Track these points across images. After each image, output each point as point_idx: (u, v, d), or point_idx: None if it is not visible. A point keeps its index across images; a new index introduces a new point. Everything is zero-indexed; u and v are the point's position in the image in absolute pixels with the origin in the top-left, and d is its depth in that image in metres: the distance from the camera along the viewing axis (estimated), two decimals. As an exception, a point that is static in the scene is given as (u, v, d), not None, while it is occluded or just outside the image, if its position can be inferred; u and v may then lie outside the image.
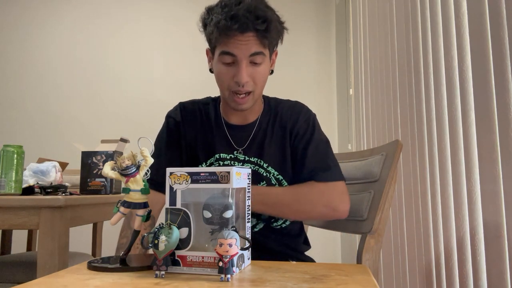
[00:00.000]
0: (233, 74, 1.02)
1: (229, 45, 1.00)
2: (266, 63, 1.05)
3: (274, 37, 1.04)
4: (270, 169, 1.10)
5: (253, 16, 0.97)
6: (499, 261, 0.91)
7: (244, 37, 0.99)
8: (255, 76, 1.03)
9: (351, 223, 1.17)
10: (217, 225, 0.73)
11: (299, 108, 1.16)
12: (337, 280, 0.71)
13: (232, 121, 1.15)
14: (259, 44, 1.00)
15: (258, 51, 1.00)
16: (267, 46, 1.03)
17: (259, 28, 0.98)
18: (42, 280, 0.70)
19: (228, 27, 0.97)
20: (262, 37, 1.00)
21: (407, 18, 1.55)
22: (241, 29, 0.97)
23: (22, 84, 3.30)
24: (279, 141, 1.12)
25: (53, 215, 1.21)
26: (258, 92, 1.07)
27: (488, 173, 0.95)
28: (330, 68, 3.21)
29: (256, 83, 1.04)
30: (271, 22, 1.00)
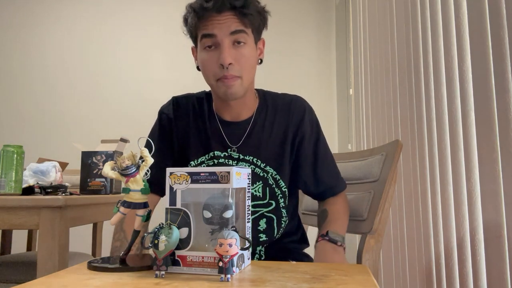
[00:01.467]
0: (217, 57, 0.97)
1: (208, 27, 0.97)
2: (250, 46, 1.01)
3: (255, 16, 0.99)
4: (268, 168, 1.06)
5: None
6: (499, 261, 0.91)
7: (222, 16, 0.96)
8: (240, 59, 0.98)
9: (351, 223, 1.17)
10: (217, 225, 0.73)
11: (301, 105, 1.11)
12: (337, 280, 0.71)
13: (225, 117, 1.09)
14: (238, 22, 0.97)
15: (238, 29, 0.96)
16: (249, 25, 0.99)
17: (236, 5, 0.95)
18: (42, 280, 0.70)
19: (204, 8, 0.95)
20: (241, 15, 0.96)
21: (407, 18, 1.55)
22: (218, 8, 0.95)
23: (22, 84, 3.30)
24: (277, 139, 1.08)
25: (53, 215, 1.21)
26: (246, 78, 1.01)
27: (488, 173, 0.95)
28: (330, 68, 3.21)
29: (242, 66, 0.98)
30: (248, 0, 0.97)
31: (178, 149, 1.10)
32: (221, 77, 0.98)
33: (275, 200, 1.07)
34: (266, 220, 1.07)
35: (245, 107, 1.08)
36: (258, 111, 1.10)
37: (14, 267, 1.62)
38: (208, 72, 1.01)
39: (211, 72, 1.00)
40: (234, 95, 1.01)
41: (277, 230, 1.08)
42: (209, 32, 0.97)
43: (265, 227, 1.06)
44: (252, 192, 1.05)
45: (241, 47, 0.98)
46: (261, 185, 1.06)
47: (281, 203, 1.08)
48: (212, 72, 0.99)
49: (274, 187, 1.06)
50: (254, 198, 1.05)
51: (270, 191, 1.06)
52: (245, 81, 1.00)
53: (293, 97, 1.13)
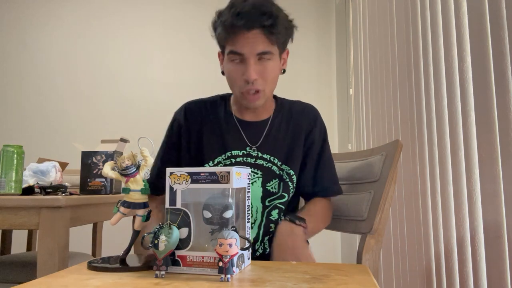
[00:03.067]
0: (242, 72, 1.02)
1: (237, 44, 1.00)
2: (275, 61, 1.05)
3: (282, 33, 1.03)
4: (284, 166, 1.12)
5: (258, 12, 0.98)
6: (499, 261, 0.91)
7: (251, 34, 0.99)
8: (264, 74, 1.03)
9: (351, 223, 1.17)
10: (217, 225, 0.73)
11: (314, 113, 1.19)
12: (337, 280, 0.71)
13: (245, 117, 1.15)
14: (266, 40, 1.00)
15: (265, 50, 1.01)
16: (275, 43, 1.02)
17: (265, 24, 0.98)
18: (42, 280, 0.70)
19: (233, 24, 0.98)
20: (269, 33, 0.99)
21: (407, 18, 1.55)
22: (247, 26, 0.98)
23: (22, 84, 3.30)
24: (291, 140, 1.14)
25: (53, 215, 1.21)
26: (269, 90, 1.08)
27: (488, 173, 0.95)
28: (330, 68, 3.21)
29: (266, 80, 1.04)
30: (278, 18, 1.00)
31: (190, 152, 1.14)
32: (245, 91, 1.04)
33: (287, 193, 1.12)
34: (278, 210, 1.12)
35: (264, 110, 1.15)
36: (276, 113, 1.17)
37: (14, 267, 1.62)
38: (233, 84, 1.06)
39: (236, 84, 1.05)
40: (256, 106, 1.09)
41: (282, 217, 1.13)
42: (237, 51, 1.01)
43: (276, 217, 1.12)
44: (269, 189, 1.10)
45: (265, 62, 1.03)
46: (277, 182, 1.11)
47: (291, 195, 1.14)
48: (237, 85, 1.05)
49: (288, 181, 1.12)
50: (270, 194, 1.11)
51: (284, 185, 1.12)
52: (267, 92, 1.07)
53: (307, 105, 1.22)
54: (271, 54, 1.03)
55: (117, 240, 1.83)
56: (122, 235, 1.53)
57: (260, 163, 1.10)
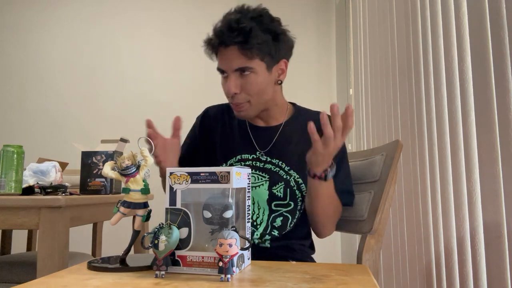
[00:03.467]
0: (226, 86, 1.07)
1: (219, 61, 1.07)
2: (258, 73, 1.05)
3: (262, 47, 1.03)
4: (292, 172, 1.12)
5: (230, 29, 1.02)
6: (499, 261, 0.91)
7: (227, 51, 1.04)
8: (245, 87, 1.05)
9: (351, 223, 1.17)
10: (217, 225, 0.73)
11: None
12: (337, 280, 0.71)
13: (256, 123, 1.19)
14: (242, 56, 1.03)
15: (241, 66, 1.04)
16: (255, 57, 1.03)
17: (236, 41, 1.01)
18: (42, 280, 0.70)
19: (213, 42, 1.06)
20: (244, 49, 1.02)
21: (407, 18, 1.55)
22: (223, 44, 1.04)
23: (22, 84, 3.30)
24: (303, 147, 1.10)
25: (53, 215, 1.21)
26: (256, 101, 1.08)
27: (488, 173, 0.95)
28: (330, 68, 3.21)
29: (249, 93, 1.06)
30: (250, 33, 1.01)
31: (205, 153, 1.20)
32: (232, 103, 1.10)
33: (294, 202, 1.12)
34: (283, 219, 1.12)
35: (273, 118, 1.18)
36: (288, 122, 1.18)
37: (14, 267, 1.62)
38: (225, 95, 1.11)
39: (226, 96, 1.10)
40: (245, 116, 1.12)
41: (288, 228, 1.13)
42: (220, 67, 1.08)
43: (280, 224, 1.12)
44: (275, 192, 1.11)
45: (247, 76, 1.05)
46: (282, 186, 1.12)
47: (299, 205, 1.13)
48: (227, 97, 1.10)
49: (295, 189, 1.12)
50: (276, 198, 1.11)
51: (290, 192, 1.12)
52: (254, 104, 1.09)
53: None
54: (251, 68, 1.04)
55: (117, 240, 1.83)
56: (122, 235, 1.53)
57: (268, 167, 1.13)
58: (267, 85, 1.09)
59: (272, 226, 1.11)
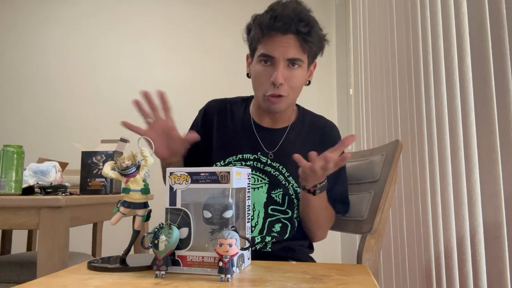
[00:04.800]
0: (270, 74, 1.02)
1: (269, 46, 1.01)
2: (303, 70, 1.06)
3: (315, 43, 1.04)
4: (291, 179, 1.11)
5: (297, 17, 0.99)
6: (499, 261, 0.91)
7: (285, 38, 1.00)
8: (291, 80, 1.03)
9: (351, 223, 1.17)
10: (217, 225, 0.73)
11: (336, 132, 1.18)
12: (337, 280, 0.71)
13: (262, 123, 1.15)
14: (299, 47, 1.01)
15: (296, 57, 1.02)
16: (307, 52, 1.03)
17: (301, 30, 0.99)
18: (42, 280, 0.71)
19: (271, 25, 0.99)
20: (303, 41, 1.00)
21: (407, 18, 1.55)
22: (283, 29, 0.99)
23: (22, 84, 3.30)
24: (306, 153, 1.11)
25: (53, 215, 1.21)
26: (292, 97, 1.07)
27: (488, 173, 0.95)
28: (330, 68, 3.21)
29: (291, 87, 1.04)
30: (313, 27, 1.01)
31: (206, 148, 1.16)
32: (269, 95, 1.04)
33: (291, 210, 1.11)
34: (282, 225, 1.11)
35: (283, 118, 1.15)
36: (295, 124, 1.16)
37: (14, 267, 1.62)
38: (259, 85, 1.06)
39: (261, 86, 1.05)
40: (277, 110, 1.07)
41: (289, 234, 1.11)
42: (269, 54, 1.01)
43: (278, 230, 1.11)
44: (273, 196, 1.10)
45: (294, 69, 1.03)
46: (281, 192, 1.10)
47: (295, 213, 1.12)
48: (263, 86, 1.05)
49: (293, 198, 1.11)
50: (274, 202, 1.10)
51: (288, 200, 1.11)
52: (290, 99, 1.07)
53: (329, 122, 1.20)
54: (301, 61, 1.03)
55: (117, 240, 1.83)
56: (122, 235, 1.53)
57: (268, 170, 1.11)
58: (304, 83, 1.09)
59: (270, 231, 1.09)
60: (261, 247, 1.08)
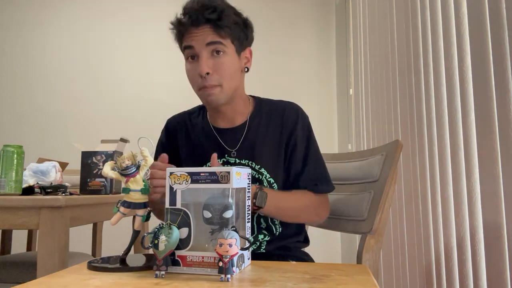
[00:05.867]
0: (196, 68, 1.03)
1: (187, 39, 1.04)
2: (230, 55, 1.05)
3: (232, 27, 1.03)
4: (263, 170, 1.09)
5: (203, 8, 1.00)
6: (499, 261, 0.91)
7: (199, 30, 1.02)
8: (218, 68, 1.03)
9: (351, 223, 1.17)
10: (217, 225, 0.73)
11: (295, 111, 1.15)
12: (337, 280, 0.71)
13: (220, 125, 1.15)
14: (215, 34, 1.02)
15: (214, 40, 1.02)
16: (227, 36, 1.03)
17: (210, 18, 1.00)
18: (42, 280, 0.71)
19: (182, 22, 1.02)
20: (217, 27, 1.01)
21: (407, 18, 1.55)
22: (194, 23, 1.01)
23: (22, 84, 3.30)
24: (272, 143, 1.12)
25: (53, 215, 1.21)
26: (227, 86, 1.05)
27: (488, 173, 0.95)
28: (330, 68, 3.21)
29: (221, 75, 1.03)
30: (223, 12, 1.02)
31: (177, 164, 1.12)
32: (202, 87, 1.04)
33: None
34: (265, 219, 1.10)
35: (237, 113, 1.14)
36: (252, 117, 1.14)
37: (14, 267, 1.62)
38: (192, 82, 1.07)
39: (194, 82, 1.06)
40: (215, 102, 1.06)
41: (275, 228, 1.11)
42: (188, 44, 1.04)
43: (265, 225, 1.10)
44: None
45: (219, 57, 1.03)
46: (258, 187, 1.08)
47: None
48: (195, 82, 1.06)
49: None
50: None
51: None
52: (225, 88, 1.05)
53: (287, 104, 1.17)
54: (223, 45, 1.03)
55: (117, 240, 1.83)
56: (122, 235, 1.53)
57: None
58: (237, 70, 1.08)
59: (260, 228, 1.09)
60: (255, 248, 1.08)
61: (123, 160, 0.79)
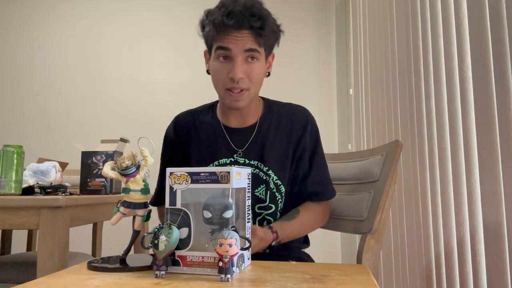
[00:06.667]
0: (228, 70, 1.03)
1: (225, 41, 1.02)
2: (261, 62, 1.06)
3: (270, 36, 1.05)
4: (270, 172, 1.10)
5: (248, 13, 1.00)
6: (499, 261, 0.91)
7: (240, 34, 1.01)
8: (250, 74, 1.04)
9: (351, 223, 1.17)
10: (217, 225, 0.73)
11: (305, 116, 1.17)
12: (337, 280, 0.71)
13: (231, 124, 1.15)
14: (254, 41, 1.02)
15: (253, 47, 1.02)
16: (263, 45, 1.04)
17: (254, 25, 1.00)
18: (42, 280, 0.71)
19: (224, 23, 1.00)
20: (257, 35, 1.01)
21: (407, 18, 1.55)
22: (237, 26, 1.00)
23: (22, 84, 3.30)
24: (280, 145, 1.13)
25: (53, 215, 1.21)
26: (253, 91, 1.07)
27: (488, 173, 0.95)
28: (330, 68, 3.21)
29: (251, 81, 1.05)
30: (266, 21, 1.02)
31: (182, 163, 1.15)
32: (230, 88, 1.04)
33: (274, 204, 1.11)
34: (267, 222, 1.11)
35: (249, 114, 1.15)
36: (263, 118, 1.16)
37: (14, 267, 1.62)
38: (218, 81, 1.06)
39: (221, 82, 1.05)
40: (240, 106, 1.08)
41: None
42: (225, 46, 1.02)
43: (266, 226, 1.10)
44: (257, 195, 1.10)
45: (253, 63, 1.04)
46: (264, 189, 1.10)
47: (279, 207, 1.12)
48: (222, 82, 1.05)
49: (274, 192, 1.10)
50: (259, 200, 1.10)
51: (270, 195, 1.10)
52: (252, 93, 1.07)
53: (297, 107, 1.19)
54: (258, 53, 1.04)
55: (117, 240, 1.83)
56: (122, 235, 1.53)
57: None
58: (263, 75, 1.10)
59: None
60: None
61: (123, 160, 0.79)
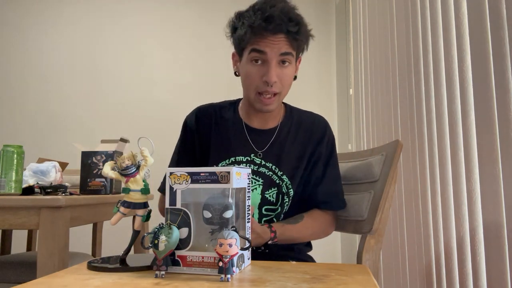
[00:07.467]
0: (262, 73, 1.04)
1: (261, 44, 1.02)
2: (292, 66, 1.08)
3: (303, 41, 1.07)
4: (284, 177, 1.11)
5: (286, 17, 1.01)
6: (499, 261, 0.91)
7: (276, 38, 1.02)
8: (283, 78, 1.05)
9: (351, 223, 1.17)
10: (217, 225, 0.73)
11: (323, 126, 1.19)
12: (337, 280, 0.71)
13: (253, 124, 1.16)
14: (288, 45, 1.03)
15: (287, 51, 1.03)
16: (296, 49, 1.06)
17: (291, 30, 1.01)
18: (42, 280, 0.71)
19: (262, 27, 1.00)
20: (293, 39, 1.03)
21: (407, 18, 1.55)
22: (275, 30, 1.01)
23: (23, 84, 3.30)
24: (296, 151, 1.14)
25: (53, 215, 1.21)
26: (283, 95, 1.10)
27: (488, 173, 0.95)
28: (330, 68, 3.21)
29: (283, 85, 1.06)
30: (302, 26, 1.04)
31: (199, 156, 1.16)
32: (263, 91, 1.05)
33: (281, 207, 1.12)
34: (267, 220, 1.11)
35: (272, 117, 1.16)
36: (284, 123, 1.17)
37: (14, 267, 1.62)
38: (250, 84, 1.07)
39: (253, 85, 1.06)
40: (270, 110, 1.09)
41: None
42: (261, 49, 1.03)
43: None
44: (267, 197, 1.10)
45: (285, 67, 1.06)
46: (275, 192, 1.11)
47: (285, 209, 1.13)
48: (255, 85, 1.06)
49: (284, 196, 1.12)
50: (268, 202, 1.11)
51: (281, 198, 1.12)
52: (281, 96, 1.09)
53: (317, 117, 1.21)
54: (292, 57, 1.05)
55: (117, 240, 1.83)
56: (122, 235, 1.53)
57: (262, 170, 1.11)
58: (292, 79, 1.11)
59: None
60: (257, 247, 1.08)
61: (123, 160, 0.79)
